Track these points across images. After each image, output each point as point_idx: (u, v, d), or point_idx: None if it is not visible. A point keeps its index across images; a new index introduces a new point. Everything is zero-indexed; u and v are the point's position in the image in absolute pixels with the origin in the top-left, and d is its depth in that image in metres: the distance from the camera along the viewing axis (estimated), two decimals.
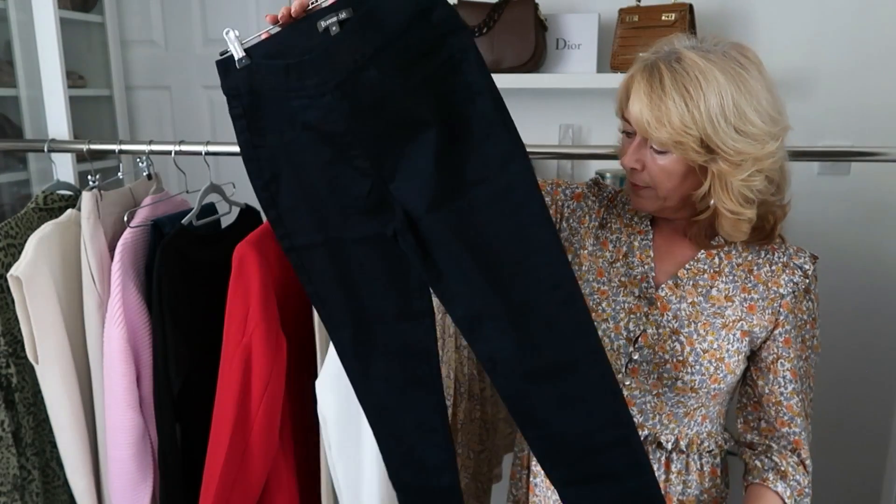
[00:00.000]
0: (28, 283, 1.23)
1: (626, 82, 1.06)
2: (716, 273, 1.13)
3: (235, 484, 1.22)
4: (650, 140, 1.03)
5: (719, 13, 1.93)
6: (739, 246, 1.14)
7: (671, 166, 1.04)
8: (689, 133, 0.98)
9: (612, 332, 1.14)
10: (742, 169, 1.00)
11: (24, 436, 1.33)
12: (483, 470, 1.53)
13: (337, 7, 0.99)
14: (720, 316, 1.11)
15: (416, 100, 1.00)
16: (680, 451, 1.14)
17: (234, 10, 2.41)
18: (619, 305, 1.15)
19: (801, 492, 1.11)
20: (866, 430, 1.98)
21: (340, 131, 1.03)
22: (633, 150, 1.06)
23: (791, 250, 1.13)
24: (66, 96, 1.56)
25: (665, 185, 1.06)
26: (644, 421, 1.14)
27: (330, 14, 0.99)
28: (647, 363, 1.11)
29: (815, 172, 1.91)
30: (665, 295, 1.14)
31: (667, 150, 1.02)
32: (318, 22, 0.99)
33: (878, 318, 1.95)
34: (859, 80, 1.87)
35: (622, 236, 1.20)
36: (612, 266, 1.18)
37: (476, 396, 1.43)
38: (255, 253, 1.18)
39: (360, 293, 1.13)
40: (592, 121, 2.09)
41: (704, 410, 1.14)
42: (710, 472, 1.17)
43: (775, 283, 1.11)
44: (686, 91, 0.98)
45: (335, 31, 0.99)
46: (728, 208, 1.03)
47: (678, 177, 1.04)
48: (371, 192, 1.06)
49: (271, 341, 1.19)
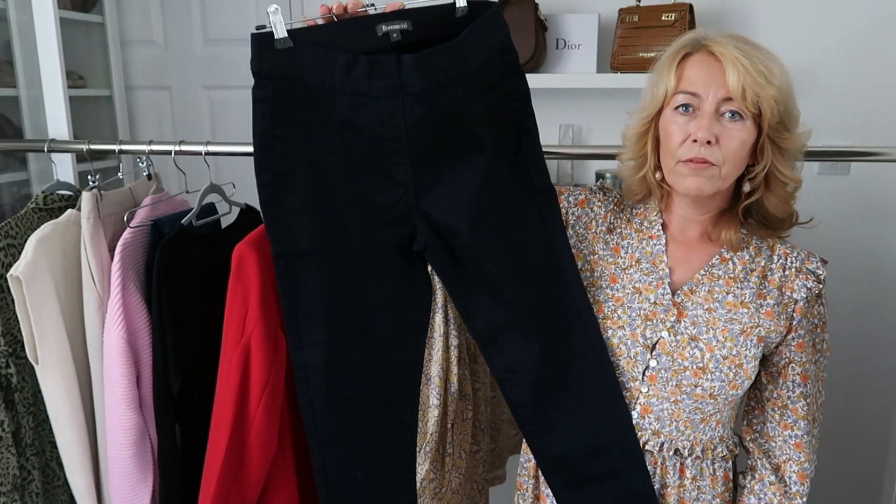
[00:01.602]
0: (28, 283, 1.23)
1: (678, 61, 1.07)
2: (731, 279, 1.13)
3: (234, 483, 1.22)
4: (731, 106, 1.02)
5: (719, 13, 1.93)
6: (752, 250, 1.14)
7: (746, 136, 1.04)
8: (775, 85, 1.01)
9: (629, 339, 1.13)
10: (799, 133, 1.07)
11: (24, 436, 1.33)
12: (479, 470, 1.53)
13: (399, 16, 1.05)
14: (737, 322, 1.10)
15: (478, 124, 1.07)
16: (696, 457, 1.14)
17: (234, 10, 2.41)
18: (635, 312, 1.13)
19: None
20: (866, 430, 1.97)
21: (393, 136, 1.05)
22: (708, 122, 1.03)
23: (803, 255, 1.13)
24: (66, 96, 1.56)
25: (734, 160, 1.05)
26: (661, 428, 1.12)
27: (393, 21, 1.04)
28: (665, 370, 1.10)
29: (815, 172, 1.91)
30: (681, 301, 1.13)
31: (747, 115, 1.03)
32: (379, 25, 1.03)
33: (879, 317, 1.95)
34: (859, 80, 1.87)
35: (633, 241, 1.19)
36: (625, 272, 1.17)
37: (468, 397, 1.43)
38: (255, 253, 1.18)
39: (358, 306, 1.12)
40: (592, 121, 2.09)
41: (720, 416, 1.14)
42: (723, 476, 1.17)
43: (789, 289, 1.12)
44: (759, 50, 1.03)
45: (395, 38, 1.04)
46: (789, 176, 1.07)
47: (746, 148, 1.05)
48: (399, 202, 1.08)
49: (270, 341, 1.19)
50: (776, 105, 1.02)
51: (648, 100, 1.11)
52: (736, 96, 1.01)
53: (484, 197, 1.08)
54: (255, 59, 1.03)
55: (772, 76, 1.01)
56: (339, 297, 1.11)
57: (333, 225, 1.09)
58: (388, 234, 1.10)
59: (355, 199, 1.08)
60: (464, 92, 1.05)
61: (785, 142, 1.05)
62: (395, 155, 1.06)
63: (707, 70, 1.04)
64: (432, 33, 1.06)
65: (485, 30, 1.06)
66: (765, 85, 1.01)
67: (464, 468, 1.46)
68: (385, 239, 1.10)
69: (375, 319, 1.13)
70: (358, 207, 1.08)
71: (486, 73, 1.07)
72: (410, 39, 1.05)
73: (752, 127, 1.04)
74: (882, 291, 1.95)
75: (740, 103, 1.02)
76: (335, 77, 1.02)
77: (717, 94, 1.03)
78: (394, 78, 1.02)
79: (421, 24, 1.06)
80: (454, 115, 1.06)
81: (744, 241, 1.14)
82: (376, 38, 1.04)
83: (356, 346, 1.14)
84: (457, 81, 1.04)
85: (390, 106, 1.03)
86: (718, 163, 1.04)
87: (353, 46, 1.03)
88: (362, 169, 1.07)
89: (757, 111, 1.02)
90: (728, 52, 1.02)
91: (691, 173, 1.05)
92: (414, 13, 1.06)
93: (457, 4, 1.07)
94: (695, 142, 1.03)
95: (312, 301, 1.10)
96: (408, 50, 1.05)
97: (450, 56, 1.04)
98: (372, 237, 1.10)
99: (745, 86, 1.00)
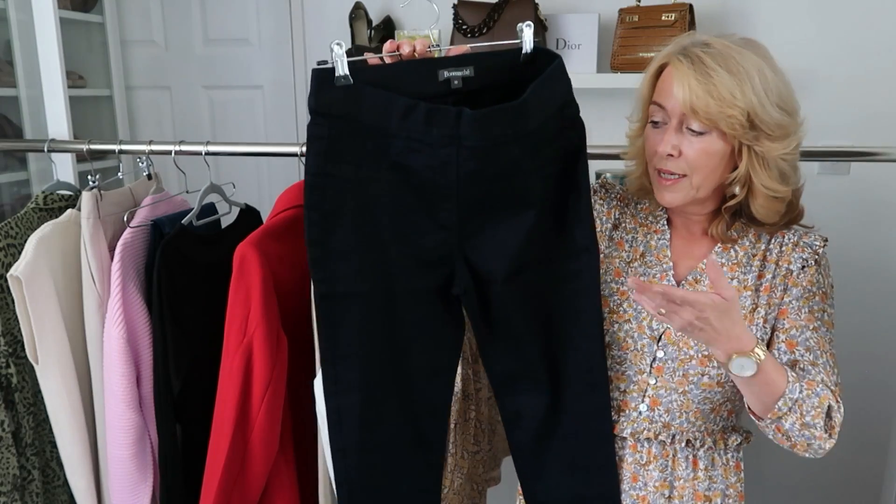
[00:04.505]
0: (28, 283, 1.23)
1: (654, 70, 1.08)
2: (734, 265, 1.14)
3: (236, 484, 1.22)
4: (691, 121, 1.03)
5: (719, 13, 1.93)
6: (752, 237, 1.14)
7: (711, 148, 1.04)
8: (738, 105, 1.00)
9: (636, 331, 1.14)
10: (782, 144, 1.03)
11: (24, 436, 1.33)
12: (479, 471, 1.53)
13: (461, 62, 1.03)
14: (741, 307, 1.10)
15: (530, 180, 1.06)
16: (708, 448, 1.14)
17: (234, 10, 2.41)
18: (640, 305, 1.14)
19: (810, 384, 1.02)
20: (866, 430, 1.97)
21: (444, 183, 1.03)
22: (670, 136, 1.05)
23: (801, 231, 1.15)
24: (66, 96, 1.56)
25: (702, 171, 1.05)
26: (671, 420, 1.13)
27: (455, 67, 1.03)
28: (672, 360, 1.11)
29: (815, 172, 1.91)
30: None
31: (709, 129, 1.02)
32: (440, 70, 1.02)
33: (879, 317, 1.95)
34: (859, 80, 1.87)
35: (638, 236, 1.20)
36: (629, 266, 1.18)
37: (471, 396, 1.43)
38: (256, 253, 1.17)
39: (394, 348, 1.11)
40: (592, 121, 2.07)
41: (730, 405, 1.14)
42: (735, 466, 1.17)
43: (785, 261, 1.12)
44: (729, 68, 1.00)
45: (456, 85, 1.03)
46: (767, 186, 1.05)
47: (716, 159, 1.05)
48: (441, 245, 1.07)
49: (272, 341, 1.19)
50: (737, 120, 1.00)
51: (636, 106, 1.14)
52: (688, 114, 1.02)
53: (525, 250, 1.08)
54: (314, 96, 0.99)
55: (733, 95, 0.99)
56: (377, 339, 1.10)
57: (377, 266, 1.07)
58: (428, 276, 1.09)
59: (399, 240, 1.06)
60: (520, 150, 1.03)
61: (765, 150, 1.03)
62: (443, 201, 1.04)
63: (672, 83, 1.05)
64: (494, 78, 1.05)
65: (549, 87, 1.03)
66: (716, 104, 1.00)
67: (466, 468, 1.46)
68: (425, 281, 1.09)
69: (412, 361, 1.13)
70: (401, 249, 1.07)
71: (546, 129, 1.05)
72: (472, 85, 1.04)
73: (717, 139, 1.04)
74: (882, 291, 1.95)
75: (695, 119, 1.02)
76: (392, 121, 0.99)
77: (679, 108, 1.04)
78: (451, 129, 0.99)
79: (484, 70, 1.04)
80: (508, 171, 1.04)
81: (743, 229, 1.15)
82: (437, 83, 1.02)
83: (391, 389, 1.13)
84: (514, 140, 1.02)
85: (445, 155, 1.01)
86: (686, 172, 1.05)
87: (412, 89, 1.01)
88: (409, 211, 1.05)
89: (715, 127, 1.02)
90: (680, 71, 1.02)
91: (661, 187, 1.09)
92: (478, 58, 1.04)
93: (522, 50, 1.05)
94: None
95: (352, 343, 1.09)
96: (468, 95, 1.04)
97: (512, 115, 1.01)
98: (413, 279, 1.08)
99: (696, 106, 1.01)
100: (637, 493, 1.16)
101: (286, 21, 2.30)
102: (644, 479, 1.16)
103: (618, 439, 1.17)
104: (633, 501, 1.17)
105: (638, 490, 1.16)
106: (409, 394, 1.15)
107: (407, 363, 1.13)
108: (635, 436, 1.15)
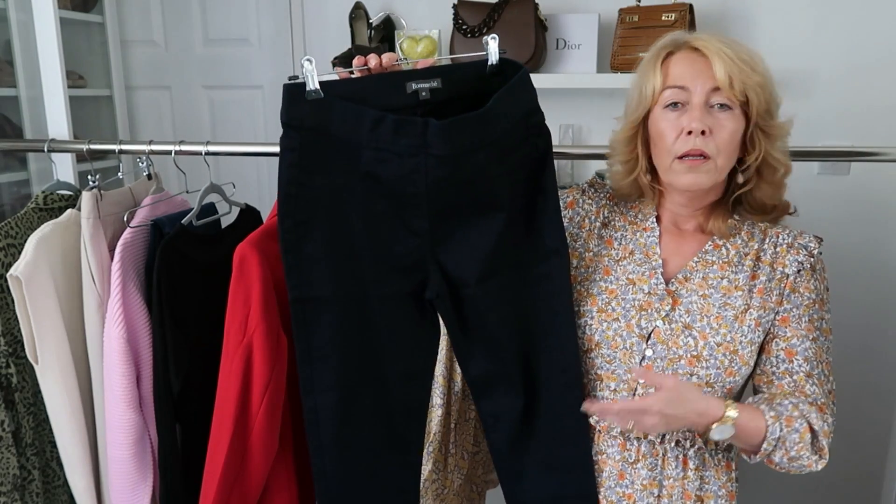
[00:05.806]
0: (28, 283, 1.23)
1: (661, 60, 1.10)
2: (725, 263, 1.14)
3: (235, 484, 1.22)
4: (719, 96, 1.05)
5: (719, 13, 1.93)
6: (745, 235, 1.15)
7: (736, 126, 1.07)
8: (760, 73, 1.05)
9: (624, 330, 1.14)
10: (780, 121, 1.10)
11: (24, 436, 1.33)
12: (478, 472, 1.53)
13: (429, 74, 1.06)
14: (731, 307, 1.11)
15: (498, 185, 1.08)
16: (698, 448, 1.14)
17: (234, 10, 2.41)
18: (629, 303, 1.14)
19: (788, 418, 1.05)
20: (866, 431, 1.97)
21: (414, 191, 1.05)
22: (699, 113, 1.06)
23: (795, 232, 1.15)
24: (66, 96, 1.56)
25: (727, 150, 1.07)
26: None
27: (423, 79, 1.06)
28: (661, 359, 1.11)
29: (815, 172, 1.91)
30: (676, 289, 1.14)
31: (734, 104, 1.05)
32: (408, 83, 1.05)
33: (879, 317, 1.95)
34: (859, 81, 1.87)
35: (627, 234, 1.20)
36: (618, 264, 1.18)
37: (470, 396, 1.43)
38: (256, 253, 1.17)
39: (370, 351, 1.14)
40: (592, 121, 2.09)
41: None
42: (726, 466, 1.17)
43: (781, 264, 1.13)
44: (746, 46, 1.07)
45: (424, 96, 1.06)
46: (782, 161, 1.10)
47: (737, 138, 1.08)
48: (413, 251, 1.09)
49: (272, 341, 1.19)
50: (762, 92, 1.05)
51: (636, 102, 1.13)
52: (724, 86, 1.04)
53: (496, 254, 1.10)
54: (286, 110, 1.03)
55: (755, 65, 1.06)
56: (352, 343, 1.13)
57: (350, 272, 1.10)
58: (401, 282, 1.11)
59: (372, 247, 1.09)
60: (487, 156, 1.06)
61: (772, 129, 1.09)
62: (414, 208, 1.07)
63: (692, 65, 1.08)
64: (462, 90, 1.08)
65: (513, 96, 1.06)
66: (750, 73, 1.04)
67: (465, 469, 1.46)
68: (399, 286, 1.11)
69: (387, 364, 1.15)
70: (374, 255, 1.09)
71: (511, 136, 1.08)
72: (439, 97, 1.07)
73: (740, 116, 1.07)
74: (882, 291, 1.95)
75: (728, 93, 1.05)
76: (362, 132, 1.03)
77: (706, 85, 1.06)
78: (419, 139, 1.02)
79: (451, 81, 1.08)
80: (475, 177, 1.06)
81: (735, 227, 1.16)
82: (405, 95, 1.05)
83: (367, 391, 1.16)
84: (481, 148, 1.05)
85: (413, 164, 1.03)
86: (713, 154, 1.06)
87: (381, 101, 1.04)
88: (381, 218, 1.08)
89: (745, 99, 1.05)
90: (711, 45, 1.06)
91: (688, 170, 1.08)
92: (445, 70, 1.08)
93: (488, 62, 1.08)
94: (689, 134, 1.06)
95: (326, 345, 1.11)
96: (437, 106, 1.07)
97: (476, 124, 1.04)
98: (386, 284, 1.11)
99: (732, 75, 1.04)
100: (623, 490, 1.16)
101: (286, 21, 2.30)
102: (631, 477, 1.15)
103: (606, 437, 1.16)
104: (619, 499, 1.16)
105: (624, 487, 1.16)
106: (385, 396, 1.17)
107: (382, 366, 1.15)
108: (624, 434, 1.15)
